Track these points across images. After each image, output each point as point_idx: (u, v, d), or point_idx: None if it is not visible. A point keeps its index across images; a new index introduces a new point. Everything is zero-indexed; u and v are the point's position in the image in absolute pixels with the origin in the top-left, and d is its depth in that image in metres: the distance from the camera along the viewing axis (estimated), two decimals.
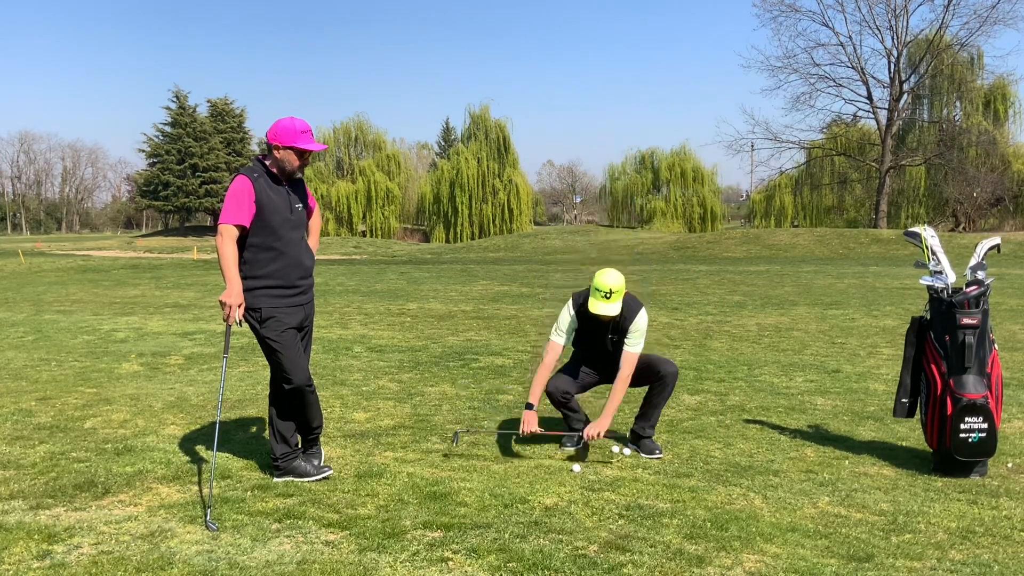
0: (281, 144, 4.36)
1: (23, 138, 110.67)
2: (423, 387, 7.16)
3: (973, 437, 4.54)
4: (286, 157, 4.38)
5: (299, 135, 4.36)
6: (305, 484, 4.48)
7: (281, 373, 4.45)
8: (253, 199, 4.31)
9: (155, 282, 20.36)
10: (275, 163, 4.42)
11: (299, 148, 4.37)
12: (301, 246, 4.53)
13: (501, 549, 3.59)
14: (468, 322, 11.84)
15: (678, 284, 18.63)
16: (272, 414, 4.60)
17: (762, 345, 9.44)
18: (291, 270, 4.44)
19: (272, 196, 4.37)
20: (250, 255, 4.38)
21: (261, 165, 4.44)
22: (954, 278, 4.77)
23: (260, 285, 4.37)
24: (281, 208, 4.40)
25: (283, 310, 4.41)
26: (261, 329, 4.40)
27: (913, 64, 49.27)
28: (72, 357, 8.79)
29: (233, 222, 4.30)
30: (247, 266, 4.38)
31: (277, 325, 4.39)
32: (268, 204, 4.35)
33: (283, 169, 4.41)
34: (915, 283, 16.95)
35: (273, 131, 4.38)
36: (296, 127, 4.36)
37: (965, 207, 48.18)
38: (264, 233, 4.36)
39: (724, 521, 3.92)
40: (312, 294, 4.64)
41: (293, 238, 4.46)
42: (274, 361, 4.46)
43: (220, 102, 67.28)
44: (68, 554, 3.56)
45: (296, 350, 4.47)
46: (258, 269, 4.37)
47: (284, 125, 4.37)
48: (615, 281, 4.88)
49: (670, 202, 60.12)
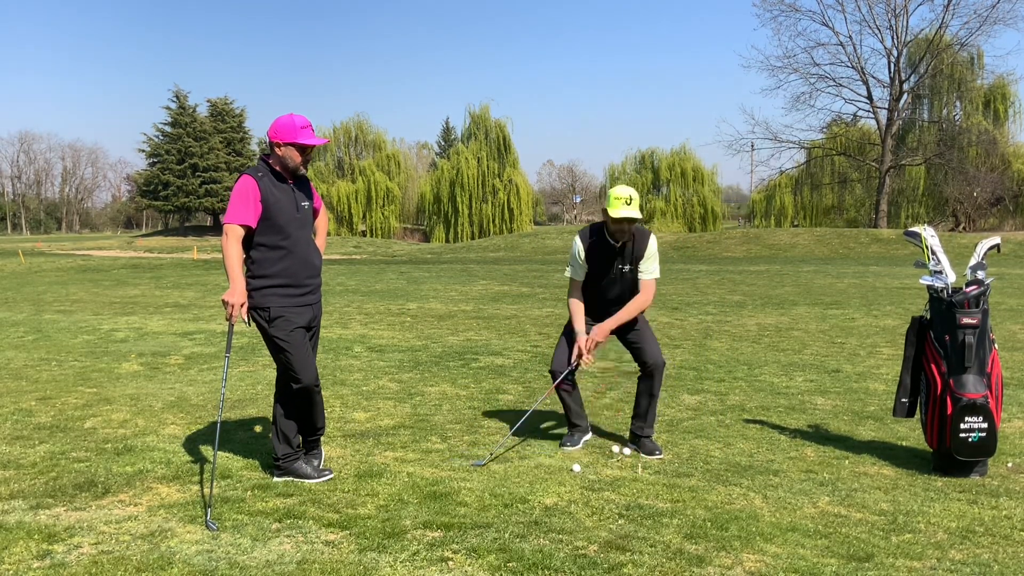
0: (282, 141, 4.37)
1: (23, 138, 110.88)
2: (423, 387, 7.16)
3: (973, 437, 4.54)
4: (288, 154, 4.39)
5: (299, 131, 4.37)
6: (305, 484, 4.48)
7: (289, 373, 4.45)
8: (258, 198, 4.32)
9: (155, 282, 20.36)
10: (278, 161, 4.42)
11: (300, 144, 4.38)
12: (309, 245, 4.54)
13: (501, 549, 3.59)
14: (468, 322, 11.84)
15: (678, 284, 18.63)
16: (277, 413, 4.60)
17: (762, 345, 9.44)
18: (299, 269, 4.44)
19: (277, 195, 4.38)
20: (258, 254, 4.38)
21: (265, 164, 4.45)
22: (954, 278, 4.77)
23: (268, 284, 4.37)
24: (287, 206, 4.40)
25: (292, 309, 4.41)
26: (270, 328, 4.40)
27: (913, 64, 49.27)
28: (72, 357, 8.79)
29: (238, 222, 4.30)
30: (255, 265, 4.38)
31: (285, 324, 4.39)
32: (274, 203, 4.35)
33: (286, 166, 4.42)
34: (915, 283, 16.95)
35: (273, 129, 4.39)
36: (296, 123, 4.37)
37: (965, 207, 48.16)
38: (271, 232, 4.36)
39: (724, 521, 3.92)
40: (320, 294, 4.65)
41: (300, 237, 4.47)
42: (282, 361, 4.46)
43: (220, 102, 67.23)
44: (68, 554, 3.56)
45: (305, 350, 4.47)
46: (266, 268, 4.38)
47: (283, 122, 4.38)
48: (631, 190, 5.01)
49: (670, 202, 60.05)
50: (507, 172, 58.93)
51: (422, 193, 61.45)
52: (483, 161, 58.02)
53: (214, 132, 65.33)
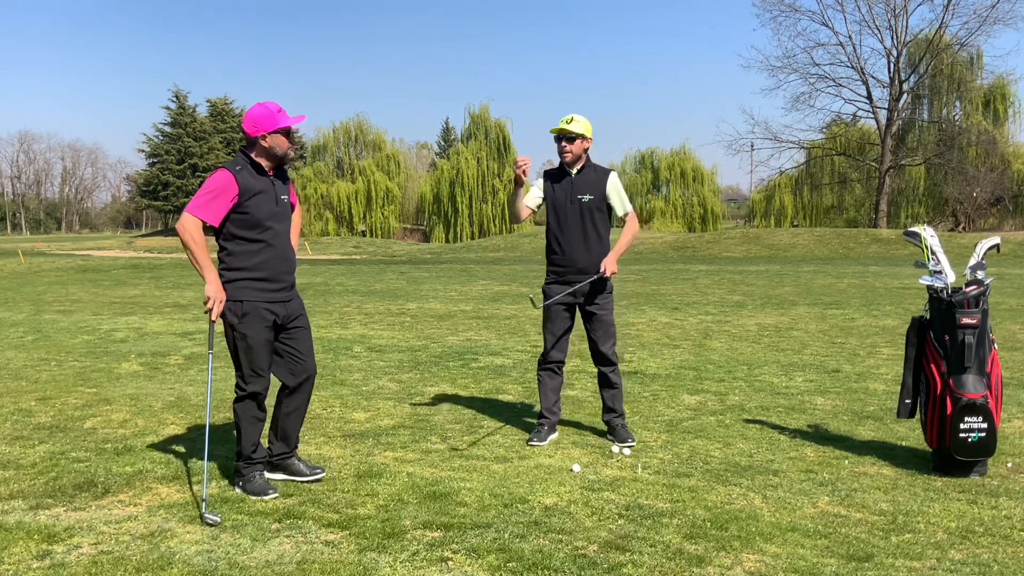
0: (267, 131, 4.28)
1: (23, 138, 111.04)
2: (423, 387, 7.16)
3: (973, 437, 4.54)
4: (275, 142, 4.30)
5: (276, 116, 4.29)
6: (305, 484, 4.47)
7: (239, 374, 4.33)
8: (235, 194, 4.21)
9: (155, 282, 20.36)
10: (262, 153, 4.32)
11: (284, 127, 4.31)
12: (287, 240, 4.47)
13: (501, 549, 3.59)
14: (468, 322, 11.85)
15: (678, 284, 18.63)
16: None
17: (762, 345, 9.44)
18: (278, 263, 4.36)
19: (258, 188, 4.29)
20: (236, 247, 4.28)
21: (245, 157, 4.35)
22: (954, 278, 4.77)
23: (244, 277, 4.27)
24: (267, 200, 4.31)
25: (264, 305, 4.30)
26: (238, 324, 4.28)
27: (913, 64, 49.25)
28: (72, 357, 8.79)
29: (200, 216, 4.19)
30: (232, 258, 4.29)
31: (253, 323, 4.27)
32: (254, 196, 4.26)
33: (275, 155, 4.33)
34: (915, 283, 16.95)
35: (252, 123, 4.30)
36: (271, 109, 4.30)
37: (965, 207, 48.15)
38: (251, 225, 4.27)
39: (724, 521, 3.92)
40: (296, 291, 4.55)
41: (280, 230, 4.39)
42: (237, 359, 4.33)
43: (220, 102, 67.29)
44: (68, 554, 3.56)
45: (263, 356, 4.33)
46: (244, 261, 4.28)
47: (259, 112, 4.30)
48: (577, 115, 5.28)
49: (670, 202, 60.05)
50: (507, 172, 58.79)
51: (422, 193, 61.40)
52: (483, 161, 57.98)
53: (214, 132, 65.39)
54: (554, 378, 5.44)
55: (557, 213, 5.32)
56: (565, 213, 5.27)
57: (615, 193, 5.33)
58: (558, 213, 5.31)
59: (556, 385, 5.44)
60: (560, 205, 5.29)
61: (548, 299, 5.34)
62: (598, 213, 5.29)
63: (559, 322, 5.37)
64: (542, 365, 5.46)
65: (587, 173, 5.32)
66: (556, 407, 5.43)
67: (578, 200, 5.25)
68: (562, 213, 5.28)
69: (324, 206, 59.17)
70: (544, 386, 5.43)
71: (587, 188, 5.27)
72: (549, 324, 5.39)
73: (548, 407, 5.41)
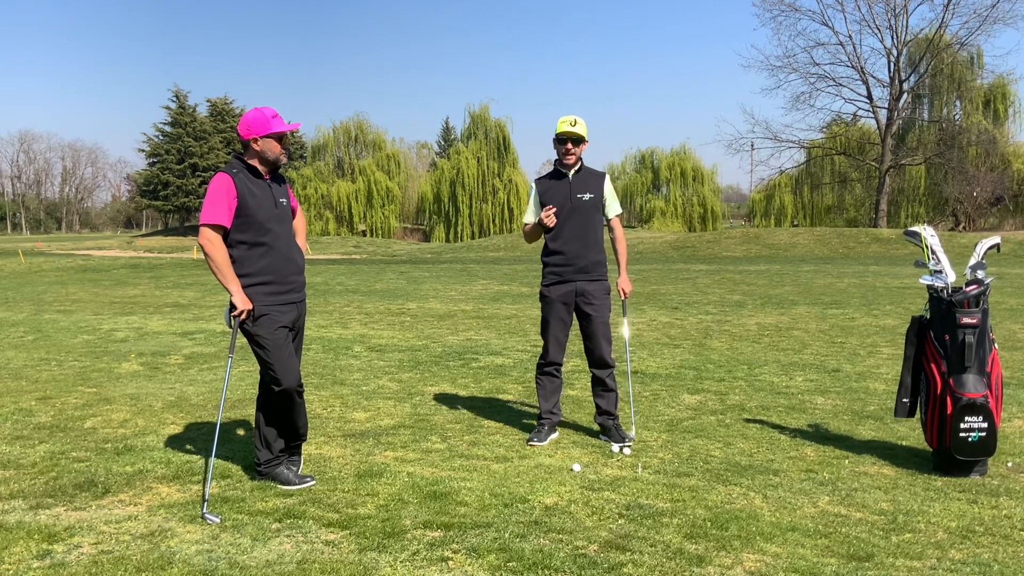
0: (259, 135, 4.32)
1: (23, 138, 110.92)
2: (423, 387, 7.16)
3: (973, 436, 4.54)
4: (266, 147, 4.34)
5: (270, 120, 4.34)
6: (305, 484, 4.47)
7: (270, 374, 4.38)
8: (234, 195, 4.26)
9: (155, 282, 20.36)
10: (255, 156, 4.37)
11: (276, 132, 4.34)
12: (291, 241, 4.50)
13: (501, 549, 3.59)
14: (468, 322, 11.84)
15: (678, 284, 18.62)
16: (259, 419, 4.55)
17: (762, 344, 9.44)
18: (283, 265, 4.39)
19: (255, 191, 4.33)
20: (239, 253, 4.33)
21: (240, 162, 4.39)
22: (954, 277, 4.77)
23: (252, 283, 4.32)
24: (265, 202, 4.35)
25: (276, 308, 4.36)
26: (253, 328, 4.34)
27: (913, 63, 49.22)
28: (72, 357, 8.79)
29: (215, 222, 4.25)
30: (237, 264, 4.32)
31: (269, 323, 4.34)
32: (251, 199, 4.30)
33: (266, 159, 4.37)
34: (915, 282, 16.94)
35: (245, 127, 4.35)
36: (265, 114, 4.35)
37: (965, 206, 48.13)
38: (251, 229, 4.31)
39: (724, 520, 3.92)
40: (304, 293, 4.59)
41: (281, 232, 4.42)
42: (263, 361, 4.40)
43: (220, 102, 67.29)
44: (68, 554, 3.56)
45: (287, 351, 4.41)
46: (248, 266, 4.32)
47: (253, 117, 4.35)
48: (577, 117, 5.32)
49: (670, 201, 60.07)
50: (507, 172, 58.90)
51: (422, 193, 61.42)
52: (483, 161, 57.99)
53: (214, 132, 65.38)
54: (553, 381, 5.47)
55: (560, 212, 5.34)
56: (565, 213, 5.29)
57: (611, 194, 5.46)
58: (561, 212, 5.33)
59: (556, 387, 5.47)
60: (560, 205, 5.31)
61: (549, 301, 5.37)
62: (596, 212, 5.38)
63: (560, 325, 5.38)
64: (541, 369, 5.47)
65: (584, 174, 5.40)
66: (556, 408, 5.45)
67: (578, 199, 5.30)
68: (562, 212, 5.30)
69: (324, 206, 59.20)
70: (544, 389, 5.45)
71: (586, 188, 5.34)
72: (550, 327, 5.39)
73: (548, 409, 5.43)
